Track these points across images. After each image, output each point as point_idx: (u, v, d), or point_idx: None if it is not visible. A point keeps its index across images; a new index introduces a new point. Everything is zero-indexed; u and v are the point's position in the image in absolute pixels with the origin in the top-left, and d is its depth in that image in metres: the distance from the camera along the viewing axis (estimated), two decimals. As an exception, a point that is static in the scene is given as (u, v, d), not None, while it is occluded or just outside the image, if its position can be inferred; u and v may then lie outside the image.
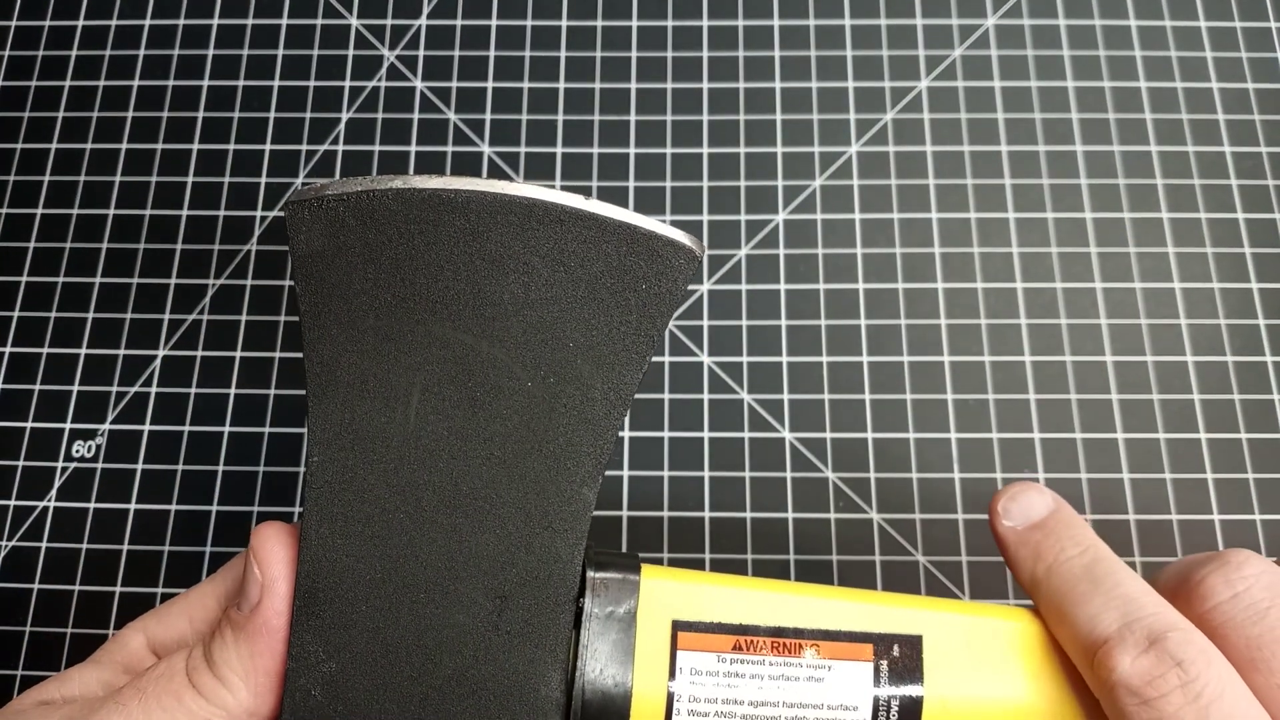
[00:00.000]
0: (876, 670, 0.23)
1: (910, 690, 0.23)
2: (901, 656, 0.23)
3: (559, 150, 0.41)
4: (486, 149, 0.41)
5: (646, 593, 0.23)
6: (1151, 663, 0.21)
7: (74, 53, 0.43)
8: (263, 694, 0.22)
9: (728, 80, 0.42)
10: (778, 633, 0.23)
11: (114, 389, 0.38)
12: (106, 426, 0.38)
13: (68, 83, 0.42)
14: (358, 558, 0.22)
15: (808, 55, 0.42)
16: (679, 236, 0.22)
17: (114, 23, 0.43)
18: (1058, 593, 0.23)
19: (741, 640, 0.23)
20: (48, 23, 0.43)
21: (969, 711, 0.23)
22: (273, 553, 0.22)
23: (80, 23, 0.43)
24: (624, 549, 0.36)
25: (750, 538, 0.36)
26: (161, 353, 0.39)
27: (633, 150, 0.41)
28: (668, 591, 0.23)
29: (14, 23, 0.43)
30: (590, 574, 0.23)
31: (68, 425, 0.38)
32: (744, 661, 0.23)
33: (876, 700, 0.22)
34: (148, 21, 0.43)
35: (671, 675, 0.22)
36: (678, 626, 0.23)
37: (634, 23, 0.43)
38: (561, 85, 0.42)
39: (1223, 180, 0.40)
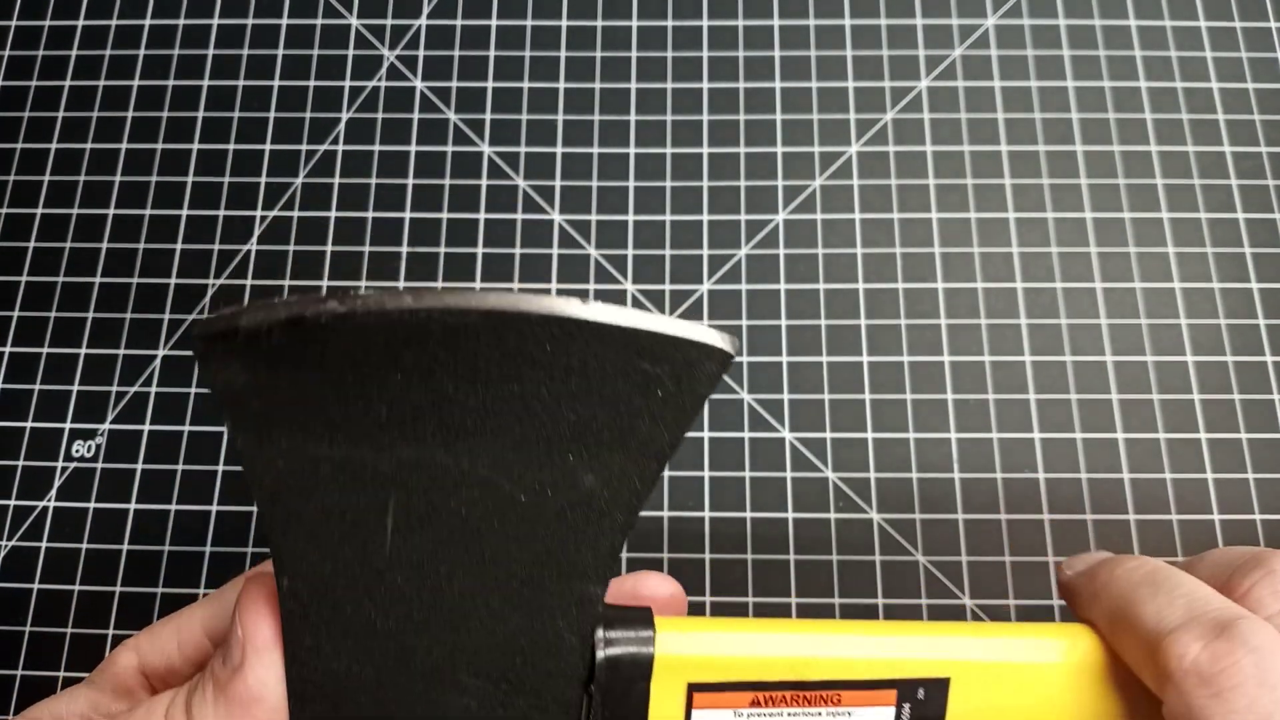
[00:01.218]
0: (898, 717, 0.22)
1: None
2: (927, 700, 0.22)
3: (559, 150, 0.41)
4: (486, 149, 0.41)
5: (662, 654, 0.21)
6: (1224, 648, 0.19)
7: (74, 52, 0.43)
8: None
9: (728, 80, 0.42)
10: (798, 686, 0.22)
11: (114, 389, 0.38)
12: (106, 426, 0.38)
13: (68, 82, 0.42)
14: (349, 661, 0.21)
15: (808, 55, 0.42)
16: (706, 337, 0.18)
17: (114, 23, 0.43)
18: (1118, 599, 0.22)
19: (760, 696, 0.22)
20: (48, 22, 0.43)
21: None
22: (258, 620, 0.21)
23: (80, 22, 0.43)
24: (624, 549, 0.36)
25: (750, 538, 0.36)
26: (161, 352, 0.39)
27: (633, 150, 0.41)
28: (683, 650, 0.22)
29: (14, 22, 0.43)
30: (600, 634, 0.21)
31: (67, 425, 0.38)
32: (762, 715, 0.22)
33: None
34: (148, 21, 0.43)
35: None
36: (693, 689, 0.22)
37: (634, 23, 0.43)
38: (561, 85, 0.42)
39: (1223, 180, 0.40)
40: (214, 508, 0.37)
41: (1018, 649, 0.22)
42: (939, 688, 0.22)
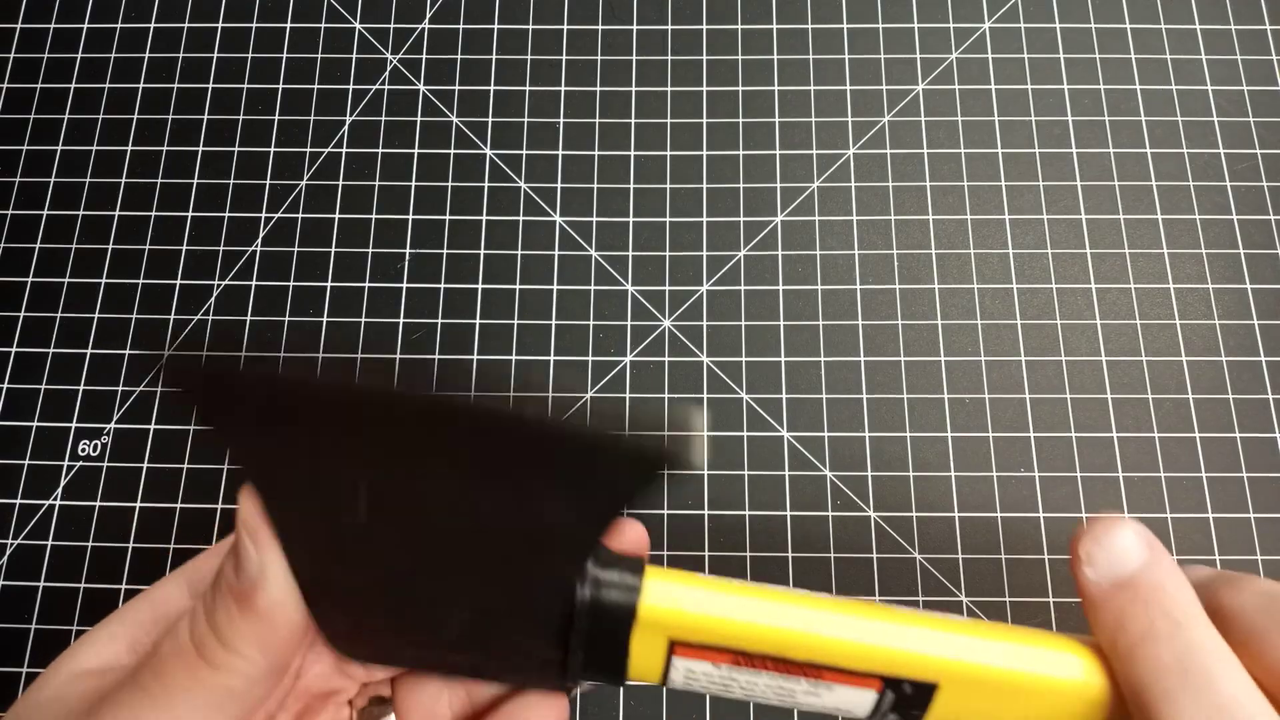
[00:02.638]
0: (880, 699, 0.21)
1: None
2: (913, 693, 0.21)
3: (560, 153, 0.41)
4: (488, 151, 0.41)
5: (647, 604, 0.21)
6: None
7: (79, 55, 0.43)
8: (280, 658, 0.21)
9: (727, 84, 0.42)
10: (782, 662, 0.21)
11: (119, 388, 0.39)
12: (112, 425, 0.38)
13: (73, 85, 0.43)
14: (347, 578, 0.22)
15: (805, 59, 0.42)
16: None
17: (119, 26, 0.44)
18: (1140, 681, 0.20)
19: (742, 658, 0.21)
20: (53, 26, 0.44)
21: None
22: (264, 533, 0.21)
23: (85, 26, 0.44)
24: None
25: (749, 535, 0.36)
26: (167, 352, 0.39)
27: (633, 153, 0.41)
28: (669, 602, 0.21)
29: (19, 25, 0.44)
30: (590, 571, 0.21)
31: (73, 424, 0.38)
32: (742, 672, 0.21)
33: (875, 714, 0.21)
34: (152, 25, 0.44)
35: (664, 676, 0.22)
36: (675, 644, 0.21)
37: (634, 27, 0.43)
38: (562, 88, 0.42)
39: (1218, 182, 0.40)
40: (219, 506, 0.37)
41: (1014, 658, 0.21)
42: (925, 692, 0.21)
